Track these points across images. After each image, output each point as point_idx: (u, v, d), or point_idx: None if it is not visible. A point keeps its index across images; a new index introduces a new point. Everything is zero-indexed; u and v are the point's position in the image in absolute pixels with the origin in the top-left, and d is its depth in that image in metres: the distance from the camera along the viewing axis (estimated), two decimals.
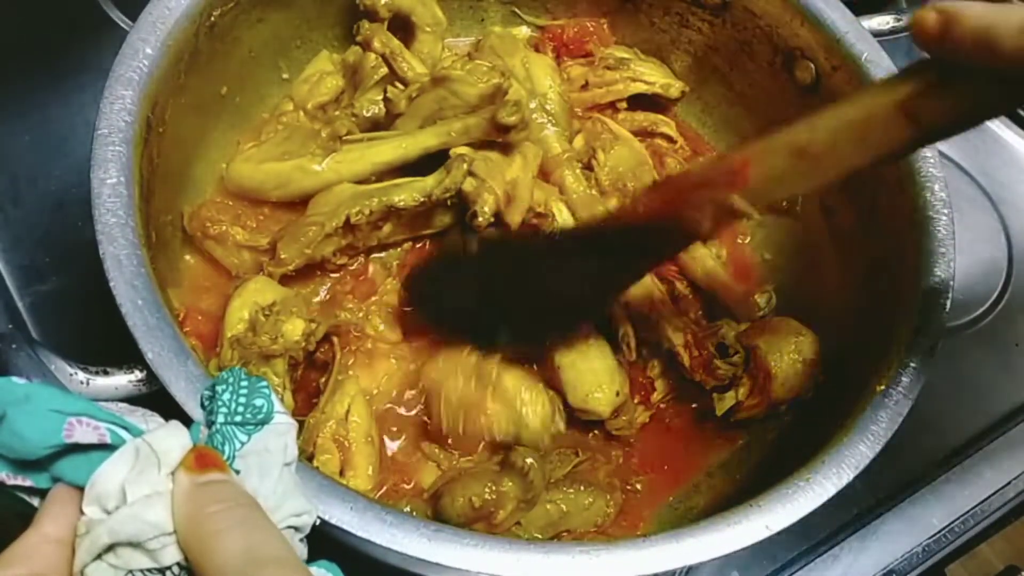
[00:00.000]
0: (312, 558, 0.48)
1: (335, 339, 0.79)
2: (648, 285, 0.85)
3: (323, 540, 0.65)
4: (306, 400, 0.77)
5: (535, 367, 0.80)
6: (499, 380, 0.77)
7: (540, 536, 0.76)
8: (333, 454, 0.73)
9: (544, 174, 0.92)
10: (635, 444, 0.84)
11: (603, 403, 0.79)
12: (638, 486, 0.82)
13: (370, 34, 0.86)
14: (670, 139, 1.00)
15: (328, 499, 0.58)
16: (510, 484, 0.73)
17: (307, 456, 0.72)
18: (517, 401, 0.77)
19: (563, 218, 0.87)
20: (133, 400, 0.62)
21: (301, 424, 0.74)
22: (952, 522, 0.96)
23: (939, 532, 0.95)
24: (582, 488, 0.78)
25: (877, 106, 0.59)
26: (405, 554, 0.57)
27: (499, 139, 0.83)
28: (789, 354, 0.80)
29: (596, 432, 0.83)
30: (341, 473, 0.73)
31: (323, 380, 0.77)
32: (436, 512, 0.73)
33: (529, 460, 0.73)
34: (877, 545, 0.94)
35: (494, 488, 0.72)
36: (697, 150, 1.01)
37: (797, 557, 0.93)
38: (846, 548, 0.93)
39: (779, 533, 0.63)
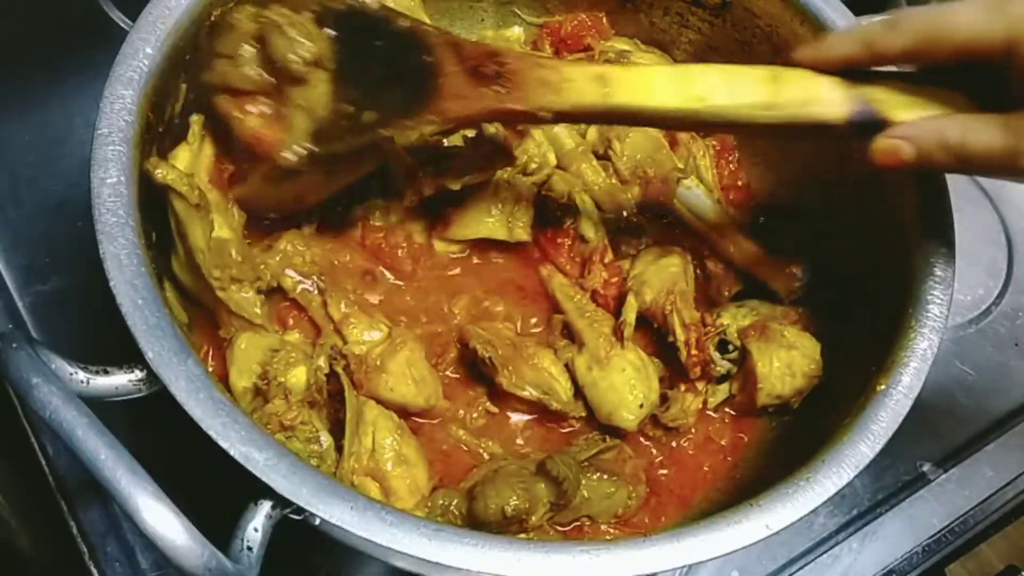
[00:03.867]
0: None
1: (339, 370, 0.76)
2: (676, 274, 0.86)
3: (323, 539, 0.65)
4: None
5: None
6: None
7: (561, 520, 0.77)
8: (371, 487, 0.73)
9: (561, 169, 0.92)
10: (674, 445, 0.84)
11: (627, 420, 0.80)
12: (663, 479, 0.82)
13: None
14: None
15: (328, 499, 0.58)
16: (542, 487, 0.74)
17: None
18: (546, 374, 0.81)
19: (587, 209, 0.88)
20: (133, 400, 0.62)
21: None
22: (952, 522, 0.96)
23: (939, 532, 0.95)
24: (605, 476, 0.78)
25: (760, 66, 0.70)
26: (405, 554, 0.57)
27: None
28: (779, 366, 0.81)
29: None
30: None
31: (341, 415, 0.75)
32: (471, 512, 0.73)
33: (565, 470, 0.74)
34: (877, 545, 0.94)
35: (526, 495, 0.73)
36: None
37: (797, 557, 0.93)
38: (846, 548, 0.93)
39: (779, 533, 0.63)
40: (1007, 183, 1.18)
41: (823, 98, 0.68)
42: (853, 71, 0.69)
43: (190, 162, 0.79)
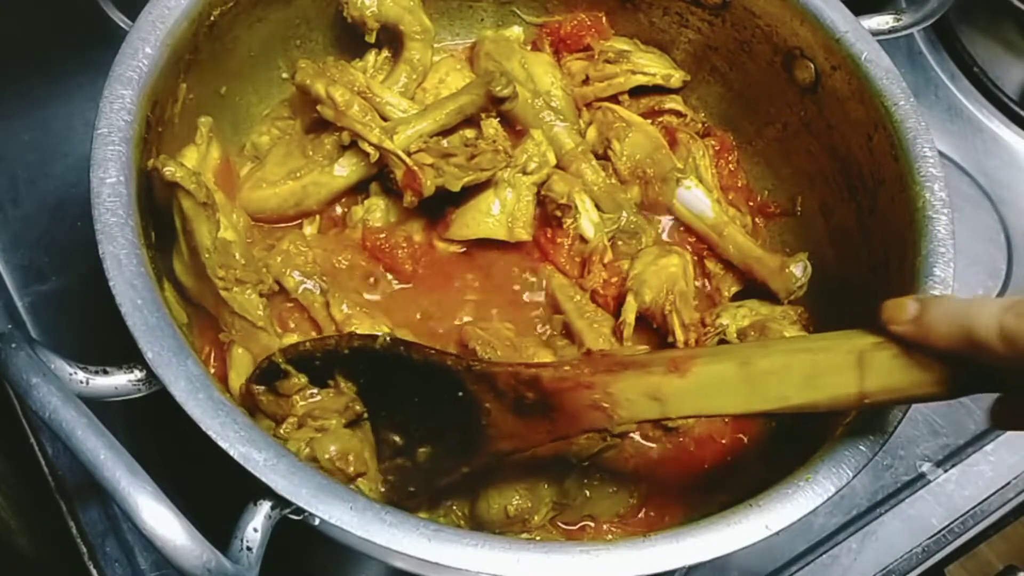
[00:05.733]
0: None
1: None
2: (675, 274, 0.86)
3: (323, 539, 0.65)
4: None
5: None
6: None
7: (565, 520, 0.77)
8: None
9: (561, 169, 0.92)
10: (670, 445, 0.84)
11: None
12: (666, 479, 0.82)
13: (307, 80, 0.83)
14: (679, 114, 1.00)
15: (328, 499, 0.58)
16: (545, 487, 0.74)
17: None
18: None
19: (587, 209, 0.88)
20: (133, 400, 0.62)
21: None
22: (952, 522, 0.96)
23: (939, 532, 0.95)
24: (607, 476, 0.78)
25: (835, 347, 0.60)
26: (405, 554, 0.57)
27: (493, 112, 0.87)
28: None
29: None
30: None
31: None
32: (473, 513, 0.73)
33: (568, 470, 0.74)
34: (877, 545, 0.94)
35: (529, 495, 0.73)
36: (708, 130, 1.01)
37: (797, 557, 0.93)
38: (846, 548, 0.93)
39: (779, 533, 0.63)
40: (1007, 183, 1.18)
41: (921, 380, 0.59)
42: None
43: (197, 162, 0.80)
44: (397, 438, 0.70)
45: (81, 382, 0.60)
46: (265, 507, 0.58)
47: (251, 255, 0.77)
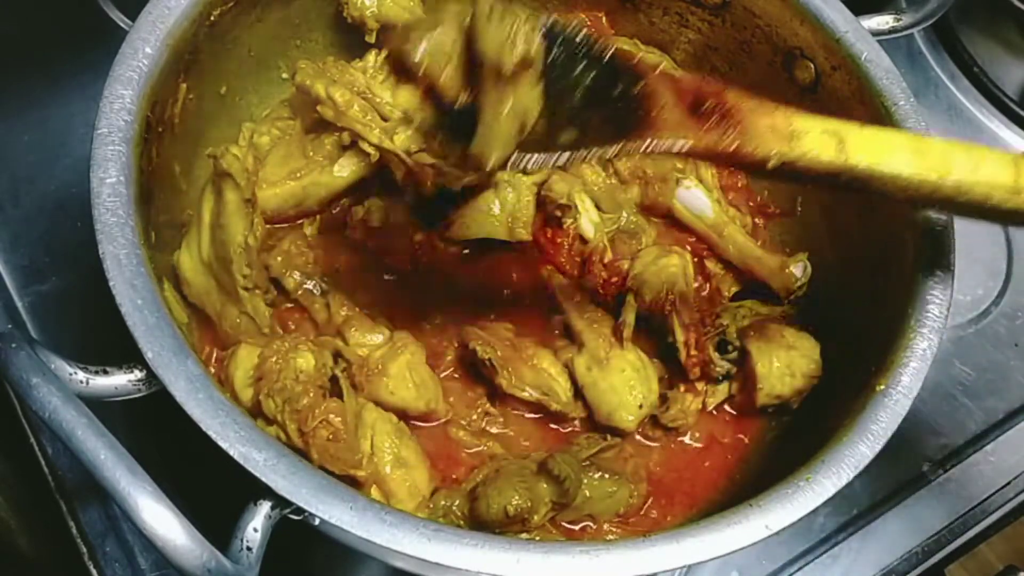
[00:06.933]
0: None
1: (339, 373, 0.76)
2: (675, 274, 0.86)
3: (323, 539, 0.65)
4: None
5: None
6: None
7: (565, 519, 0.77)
8: (372, 489, 0.72)
9: (561, 169, 0.92)
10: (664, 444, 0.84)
11: (626, 420, 0.80)
12: (669, 479, 0.82)
13: (307, 80, 0.83)
14: None
15: (328, 499, 0.58)
16: (545, 487, 0.74)
17: None
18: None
19: (587, 209, 0.88)
20: (133, 400, 0.62)
21: None
22: (952, 522, 0.96)
23: (939, 532, 0.95)
24: (606, 476, 0.78)
25: (994, 150, 0.67)
26: (405, 554, 0.57)
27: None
28: (779, 366, 0.81)
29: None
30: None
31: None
32: (473, 513, 0.73)
33: (567, 469, 0.74)
34: (877, 545, 0.94)
35: (528, 494, 0.73)
36: None
37: (797, 557, 0.93)
38: (846, 548, 0.93)
39: (779, 533, 0.63)
40: None
41: None
42: None
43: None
44: (541, 123, 0.62)
45: (81, 382, 0.60)
46: (265, 507, 0.58)
47: (261, 266, 0.78)
